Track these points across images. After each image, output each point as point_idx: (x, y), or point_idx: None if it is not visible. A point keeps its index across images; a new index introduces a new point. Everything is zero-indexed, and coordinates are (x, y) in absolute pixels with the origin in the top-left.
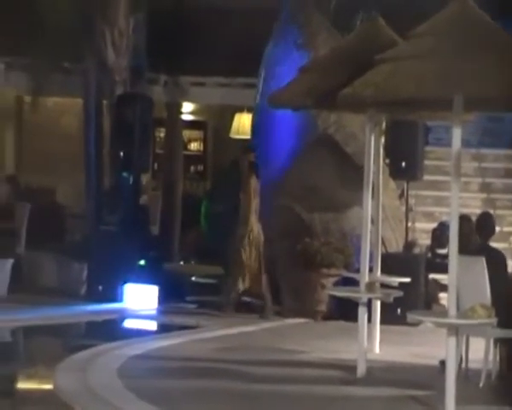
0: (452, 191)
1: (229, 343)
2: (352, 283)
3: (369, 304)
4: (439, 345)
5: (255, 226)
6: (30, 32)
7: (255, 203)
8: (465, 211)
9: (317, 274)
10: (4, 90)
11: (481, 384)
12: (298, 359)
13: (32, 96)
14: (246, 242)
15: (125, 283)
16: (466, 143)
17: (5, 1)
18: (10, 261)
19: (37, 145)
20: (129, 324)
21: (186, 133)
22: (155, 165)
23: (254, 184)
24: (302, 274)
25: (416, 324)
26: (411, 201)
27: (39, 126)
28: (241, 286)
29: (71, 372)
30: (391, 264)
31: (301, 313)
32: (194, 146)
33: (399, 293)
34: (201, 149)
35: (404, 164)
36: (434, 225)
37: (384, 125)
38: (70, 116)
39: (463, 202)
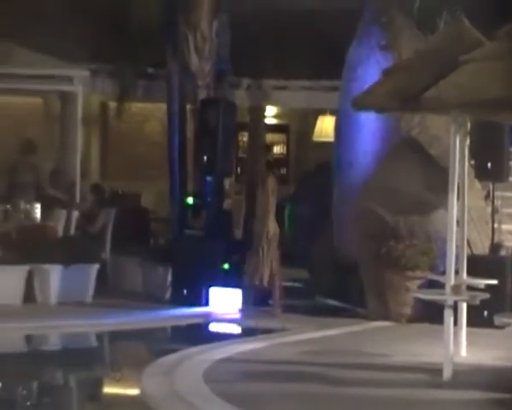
0: None
1: (314, 346)
2: (437, 285)
3: (454, 307)
4: None
5: (271, 225)
6: (114, 39)
7: (272, 202)
8: None
9: (401, 277)
10: (89, 96)
11: None
12: (382, 362)
13: (117, 102)
14: (264, 240)
15: (210, 286)
16: None
17: (90, 8)
18: (96, 266)
19: (122, 151)
20: (214, 327)
21: (269, 137)
22: (238, 169)
23: (272, 183)
24: (386, 277)
25: (502, 326)
26: (497, 202)
27: (124, 132)
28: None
29: (157, 377)
30: (477, 266)
31: (385, 315)
32: (277, 150)
33: (486, 295)
34: (284, 152)
35: (489, 165)
36: None
37: (469, 126)
38: (154, 121)
39: None
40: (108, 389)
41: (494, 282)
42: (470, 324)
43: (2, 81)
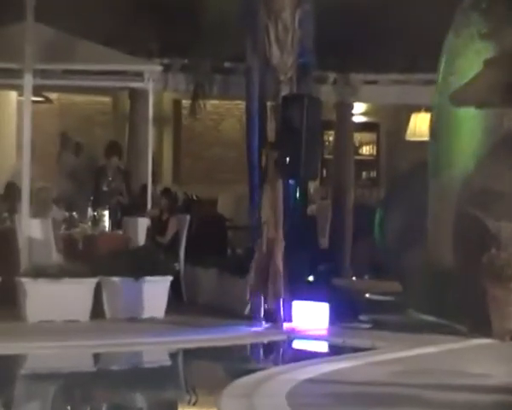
0: None
1: (408, 366)
2: None
3: None
4: None
5: (272, 228)
6: (188, 30)
7: (277, 204)
8: None
9: (505, 289)
10: (161, 93)
11: None
12: (483, 383)
13: (191, 100)
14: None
15: (293, 300)
16: None
17: (161, 0)
18: (169, 279)
19: (197, 152)
20: (298, 345)
21: (357, 136)
22: (324, 172)
23: (278, 184)
24: (488, 289)
25: None
26: None
27: (198, 132)
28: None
29: (236, 399)
30: None
31: (487, 332)
32: (366, 150)
33: None
34: (374, 153)
35: None
36: None
37: None
38: (231, 120)
39: None
40: None
41: None
42: None
43: (67, 78)
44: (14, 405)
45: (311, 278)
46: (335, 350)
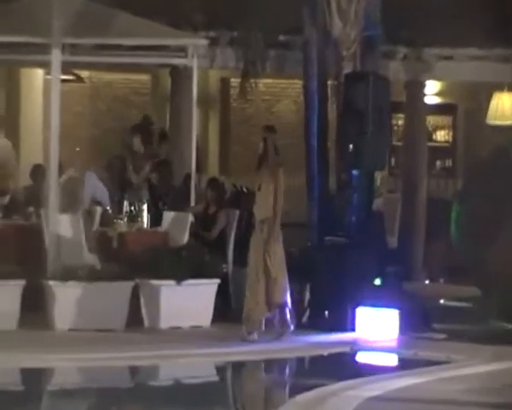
0: None
1: (487, 383)
2: None
3: None
4: None
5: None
6: (248, 2)
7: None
8: None
9: None
10: (207, 71)
11: None
12: None
13: (241, 78)
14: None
15: (357, 307)
16: None
17: None
18: (215, 282)
19: (247, 138)
20: (363, 357)
21: (431, 120)
22: (392, 160)
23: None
24: None
25: None
26: None
27: (249, 114)
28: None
29: None
30: None
31: None
32: (440, 136)
33: None
34: (450, 139)
35: None
36: None
37: None
38: (286, 101)
39: None
40: None
41: None
42: None
43: (100, 54)
44: None
45: (378, 282)
46: (405, 364)
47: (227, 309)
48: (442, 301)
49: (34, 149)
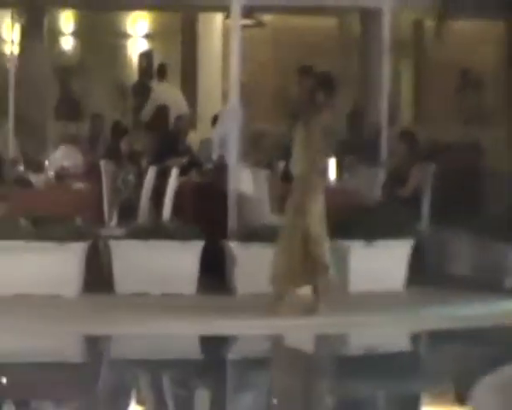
0: None
1: None
2: None
3: None
4: None
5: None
6: None
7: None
8: None
9: None
10: (400, 13)
11: None
12: None
13: (437, 20)
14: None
15: None
16: None
17: None
18: (409, 243)
19: (442, 86)
20: None
21: None
22: None
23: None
24: None
25: None
26: None
27: (446, 60)
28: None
29: (494, 394)
30: None
31: None
32: None
33: None
34: None
35: None
36: None
37: None
38: (490, 46)
39: None
40: (430, 407)
41: None
42: None
43: None
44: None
45: None
46: None
47: (421, 272)
48: None
49: (212, 99)
